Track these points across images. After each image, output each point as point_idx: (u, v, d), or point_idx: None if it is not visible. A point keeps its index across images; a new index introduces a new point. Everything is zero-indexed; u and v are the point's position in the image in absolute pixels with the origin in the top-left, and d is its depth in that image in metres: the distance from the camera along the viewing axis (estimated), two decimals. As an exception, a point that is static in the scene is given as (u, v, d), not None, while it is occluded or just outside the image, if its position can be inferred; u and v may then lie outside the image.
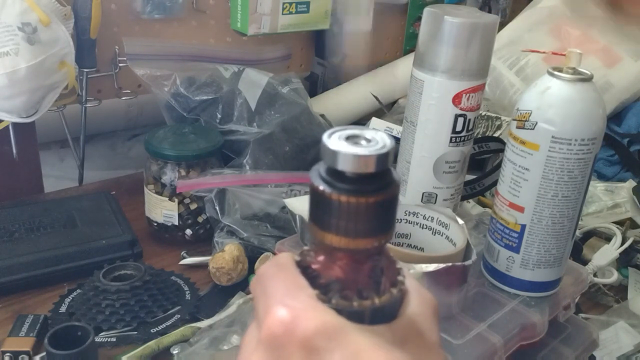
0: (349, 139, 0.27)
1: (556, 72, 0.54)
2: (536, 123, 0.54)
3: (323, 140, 0.27)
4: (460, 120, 0.62)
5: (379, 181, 0.27)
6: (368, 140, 0.27)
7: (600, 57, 1.07)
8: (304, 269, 0.29)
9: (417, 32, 0.64)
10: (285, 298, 0.27)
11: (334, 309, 0.28)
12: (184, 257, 0.78)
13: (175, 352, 0.62)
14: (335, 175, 0.27)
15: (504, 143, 0.71)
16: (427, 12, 0.61)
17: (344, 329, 0.26)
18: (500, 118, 1.04)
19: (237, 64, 0.96)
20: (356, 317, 0.28)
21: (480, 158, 0.88)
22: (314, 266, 0.29)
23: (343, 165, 0.26)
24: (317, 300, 0.27)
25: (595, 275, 0.80)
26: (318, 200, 0.27)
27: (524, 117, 0.54)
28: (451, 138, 0.63)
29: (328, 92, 1.15)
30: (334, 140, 0.27)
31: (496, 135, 1.02)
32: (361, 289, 0.28)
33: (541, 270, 0.58)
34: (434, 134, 0.63)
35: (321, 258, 0.29)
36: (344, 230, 0.27)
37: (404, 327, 0.28)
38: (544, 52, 0.96)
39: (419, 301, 0.29)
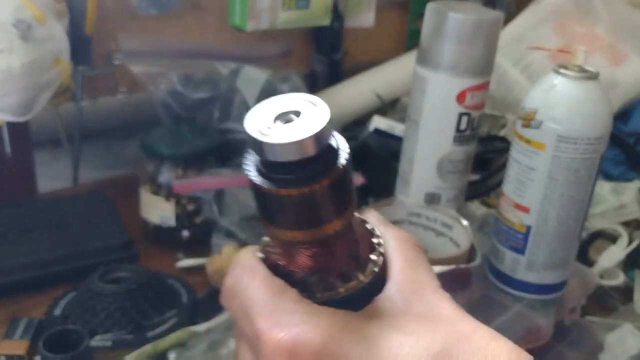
0: (278, 117, 0.23)
1: (562, 70, 0.54)
2: (542, 122, 0.53)
3: (246, 128, 0.23)
4: (464, 118, 0.62)
5: (323, 160, 0.23)
6: (298, 114, 0.23)
7: (606, 55, 1.06)
8: (273, 266, 0.27)
9: (420, 29, 0.63)
10: (274, 316, 0.24)
11: (322, 302, 0.25)
12: (180, 259, 0.78)
13: (172, 356, 0.61)
14: (272, 167, 0.23)
15: (508, 142, 0.70)
16: (430, 8, 0.61)
17: (348, 327, 0.24)
18: (504, 117, 1.04)
19: (235, 61, 0.96)
20: (350, 301, 0.26)
21: (484, 158, 0.88)
22: (283, 263, 0.26)
23: (279, 157, 0.23)
24: (307, 305, 0.25)
25: (601, 277, 0.79)
26: (264, 199, 0.24)
27: (530, 115, 0.54)
28: (455, 137, 0.63)
29: (328, 90, 1.15)
30: (260, 123, 0.23)
31: (500, 134, 1.01)
32: (342, 271, 0.26)
33: (547, 273, 0.58)
34: (437, 132, 0.63)
35: (288, 254, 0.26)
36: (304, 223, 0.24)
37: (400, 290, 0.26)
38: (549, 49, 0.95)
39: (400, 251, 0.28)
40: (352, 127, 1.11)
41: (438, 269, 0.51)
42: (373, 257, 0.27)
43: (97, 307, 0.65)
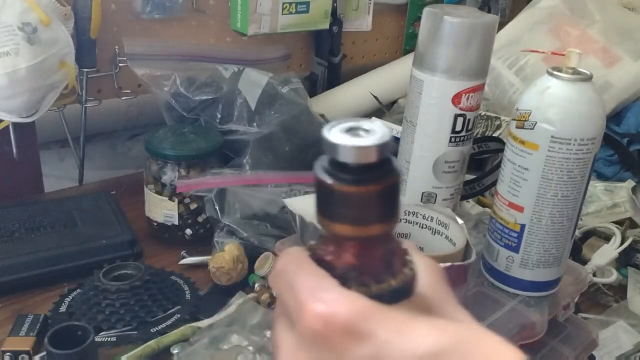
0: (349, 131, 0.28)
1: (556, 72, 0.54)
2: (536, 123, 0.54)
3: (324, 134, 0.27)
4: (460, 120, 0.62)
5: (381, 170, 0.27)
6: (367, 131, 0.28)
7: (600, 57, 1.07)
8: (318, 262, 0.30)
9: (417, 32, 0.64)
10: (316, 292, 0.27)
11: None
12: (184, 257, 0.79)
13: (175, 351, 0.62)
14: (339, 168, 0.27)
15: (503, 143, 0.71)
16: (427, 12, 0.61)
17: (380, 309, 0.27)
18: (500, 118, 1.05)
19: (237, 64, 0.96)
20: (379, 299, 0.28)
21: (480, 158, 0.89)
22: (328, 258, 0.29)
23: (346, 158, 0.27)
24: (345, 288, 0.28)
25: (595, 275, 0.80)
26: (325, 194, 0.28)
27: (524, 117, 0.55)
28: (451, 138, 0.63)
29: (328, 92, 1.15)
30: (335, 134, 0.27)
31: (496, 135, 1.02)
32: (377, 273, 0.29)
33: (541, 270, 0.59)
34: (433, 134, 0.63)
35: (334, 249, 0.29)
36: (354, 219, 0.28)
37: (424, 299, 0.29)
38: (543, 52, 0.96)
39: (428, 273, 0.30)
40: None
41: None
42: (405, 270, 0.30)
43: (102, 304, 0.65)
